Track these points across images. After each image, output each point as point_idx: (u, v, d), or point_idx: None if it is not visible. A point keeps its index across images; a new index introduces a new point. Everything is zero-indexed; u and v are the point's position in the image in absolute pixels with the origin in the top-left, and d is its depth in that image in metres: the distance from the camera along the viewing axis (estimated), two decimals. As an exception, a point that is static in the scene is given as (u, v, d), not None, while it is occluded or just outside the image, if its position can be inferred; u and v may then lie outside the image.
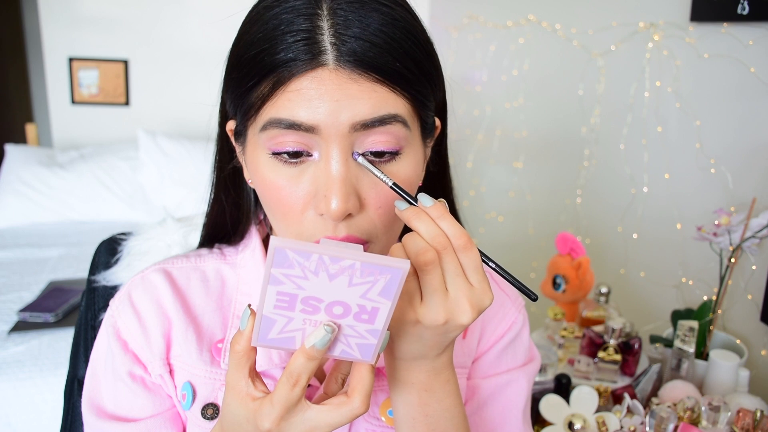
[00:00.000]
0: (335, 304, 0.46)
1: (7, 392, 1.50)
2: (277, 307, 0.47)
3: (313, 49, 0.51)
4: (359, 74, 0.51)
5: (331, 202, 0.52)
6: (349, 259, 0.44)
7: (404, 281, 0.46)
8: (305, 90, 0.51)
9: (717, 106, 1.45)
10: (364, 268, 0.44)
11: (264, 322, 0.48)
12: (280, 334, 0.48)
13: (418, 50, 0.54)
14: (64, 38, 2.74)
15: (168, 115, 2.90)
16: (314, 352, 0.47)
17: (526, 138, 2.18)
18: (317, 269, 0.44)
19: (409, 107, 0.55)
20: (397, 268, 0.44)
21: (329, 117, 0.51)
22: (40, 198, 2.49)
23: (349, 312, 0.47)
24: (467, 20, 2.47)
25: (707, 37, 1.45)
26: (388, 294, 0.46)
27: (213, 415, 0.63)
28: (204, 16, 2.80)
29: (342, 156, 0.52)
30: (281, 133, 0.53)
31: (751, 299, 1.34)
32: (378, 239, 0.57)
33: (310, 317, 0.47)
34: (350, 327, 0.48)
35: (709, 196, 1.46)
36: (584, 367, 1.30)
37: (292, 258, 0.43)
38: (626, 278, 1.74)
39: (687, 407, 1.06)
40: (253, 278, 0.68)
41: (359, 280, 0.45)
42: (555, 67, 2.02)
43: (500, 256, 2.29)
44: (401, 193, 0.53)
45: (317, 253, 0.43)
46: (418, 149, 0.58)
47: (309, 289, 0.45)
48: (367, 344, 0.49)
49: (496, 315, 0.74)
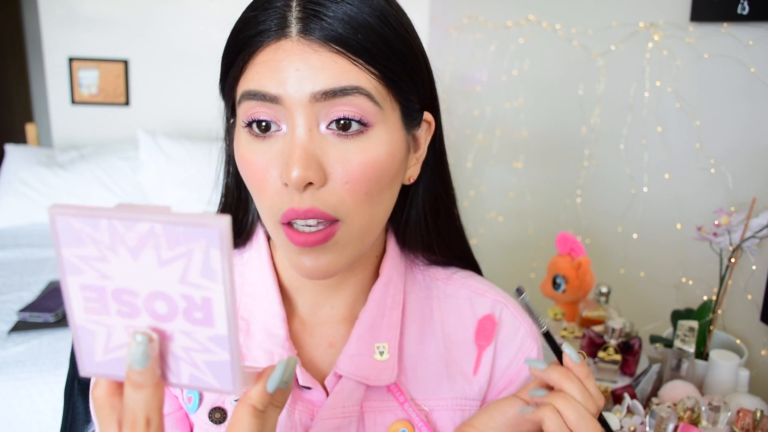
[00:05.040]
0: (154, 298, 0.34)
1: (7, 392, 1.50)
2: (88, 310, 0.35)
3: (280, 23, 0.53)
4: (320, 45, 0.52)
5: (291, 170, 0.52)
6: (146, 221, 0.32)
7: (229, 246, 0.32)
8: (270, 62, 0.53)
9: (717, 106, 1.45)
10: (167, 232, 0.32)
11: (83, 338, 0.35)
12: (107, 354, 0.36)
13: (387, 29, 0.55)
14: (64, 38, 2.74)
15: (168, 115, 2.89)
16: (136, 377, 0.36)
17: (526, 138, 2.18)
18: (113, 242, 0.32)
19: (377, 84, 0.55)
20: (210, 227, 0.31)
21: (291, 87, 0.52)
22: (40, 198, 2.49)
23: (176, 309, 0.34)
24: (467, 20, 2.47)
25: (707, 37, 1.45)
26: (212, 272, 0.32)
27: (221, 419, 0.62)
28: (204, 16, 2.80)
29: (305, 125, 0.53)
30: (251, 106, 0.54)
31: (751, 299, 1.34)
32: (349, 218, 0.55)
33: (131, 323, 0.35)
34: (185, 334, 0.35)
35: (709, 196, 1.46)
36: (584, 367, 1.29)
37: (79, 229, 0.32)
38: (626, 278, 1.74)
39: (687, 407, 1.06)
40: (259, 279, 0.67)
41: (169, 253, 0.32)
42: (555, 67, 2.02)
43: (500, 256, 2.29)
44: (549, 342, 0.53)
45: (106, 218, 0.32)
46: (395, 133, 0.57)
47: (114, 276, 0.33)
48: (217, 362, 0.35)
49: (511, 348, 0.68)
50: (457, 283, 0.70)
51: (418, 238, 0.68)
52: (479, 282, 0.71)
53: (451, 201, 0.70)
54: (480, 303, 0.69)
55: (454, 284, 0.70)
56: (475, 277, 0.72)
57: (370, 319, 0.64)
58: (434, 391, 0.65)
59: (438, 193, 0.68)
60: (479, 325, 0.67)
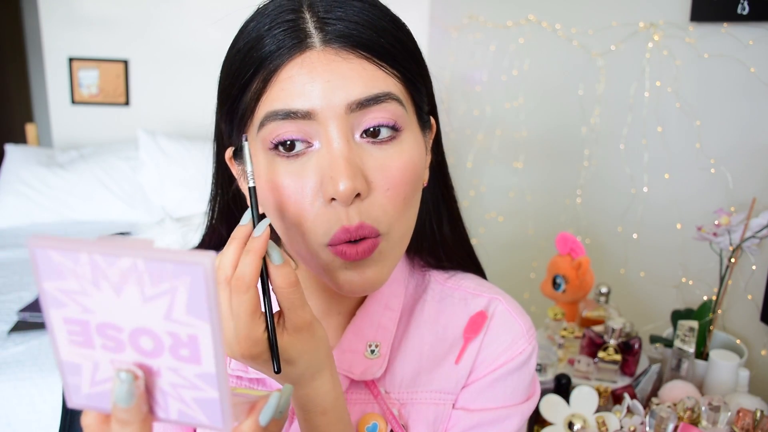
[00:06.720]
0: (139, 334, 0.33)
1: (7, 392, 1.50)
2: (72, 343, 0.34)
3: (299, 35, 0.51)
4: (347, 52, 0.51)
5: (338, 182, 0.50)
6: (128, 256, 0.31)
7: (215, 283, 0.31)
8: (296, 77, 0.51)
9: (717, 106, 1.45)
10: (150, 268, 0.31)
11: (69, 371, 0.35)
12: (93, 386, 0.35)
13: (401, 32, 0.55)
14: (64, 38, 2.74)
15: (168, 115, 2.89)
16: (122, 414, 0.35)
17: (526, 138, 2.18)
18: (95, 277, 0.31)
19: (401, 87, 0.55)
20: (194, 265, 0.30)
21: (323, 100, 0.51)
22: (40, 198, 2.49)
23: (162, 346, 0.33)
24: (467, 20, 2.47)
25: (707, 37, 1.45)
26: (198, 310, 0.31)
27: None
28: (204, 16, 2.80)
29: (343, 136, 0.51)
30: (278, 125, 0.52)
31: (751, 299, 1.34)
32: (392, 229, 0.54)
33: (116, 357, 0.34)
34: (173, 371, 0.34)
35: (709, 196, 1.46)
36: (584, 367, 1.29)
37: (59, 263, 0.31)
38: (626, 278, 1.74)
39: (687, 407, 1.06)
40: None
41: (153, 290, 0.31)
42: (555, 67, 2.02)
43: (500, 256, 2.29)
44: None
45: (86, 252, 0.31)
46: (417, 135, 0.57)
47: (97, 310, 0.32)
48: (206, 399, 0.34)
49: (501, 341, 0.66)
50: (454, 284, 0.70)
51: (423, 243, 0.68)
52: (476, 283, 0.70)
53: (453, 204, 0.70)
54: (475, 302, 0.68)
55: (451, 286, 0.70)
56: (473, 279, 0.71)
57: (367, 317, 0.64)
58: (410, 385, 0.65)
59: (440, 197, 0.68)
60: (470, 320, 0.67)
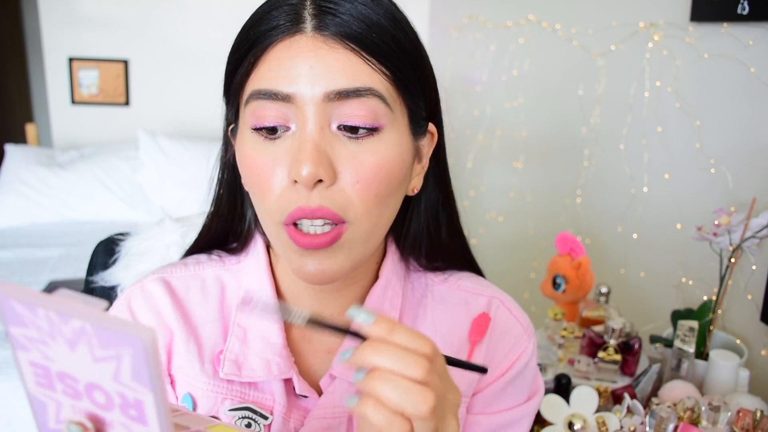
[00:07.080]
0: (92, 388, 0.34)
1: (7, 392, 1.50)
2: (38, 384, 0.35)
3: (294, 19, 0.53)
4: (335, 41, 0.52)
5: (302, 166, 0.51)
6: (79, 318, 0.31)
7: (155, 355, 0.31)
8: (283, 59, 0.53)
9: (717, 106, 1.45)
10: (97, 333, 0.31)
11: (36, 406, 0.36)
12: (58, 423, 0.36)
13: (399, 32, 0.55)
14: (64, 38, 2.74)
15: (168, 115, 2.89)
16: None
17: (526, 138, 2.18)
18: (51, 331, 0.32)
19: (388, 86, 0.54)
20: (134, 337, 0.30)
21: (304, 86, 0.52)
22: (40, 198, 2.49)
23: (112, 402, 0.34)
24: (467, 20, 2.47)
25: (707, 37, 1.45)
26: (141, 377, 0.32)
27: None
28: (204, 16, 2.80)
29: (317, 123, 0.52)
30: (261, 105, 0.53)
31: (751, 299, 1.34)
32: (357, 221, 0.54)
33: (76, 404, 0.35)
34: (123, 426, 0.34)
35: (709, 196, 1.46)
36: (584, 367, 1.29)
37: (21, 313, 0.32)
38: (626, 278, 1.74)
39: (687, 407, 1.06)
40: (256, 286, 0.66)
41: (101, 352, 0.32)
42: (555, 67, 2.02)
43: (500, 256, 2.29)
44: (323, 326, 0.44)
45: (43, 308, 0.32)
46: (403, 137, 0.57)
47: (57, 359, 0.33)
48: None
49: (505, 343, 0.67)
50: (453, 285, 0.69)
51: (421, 250, 0.68)
52: (475, 282, 0.70)
53: (453, 213, 0.69)
54: (475, 303, 0.68)
55: (449, 286, 0.69)
56: (472, 278, 0.71)
57: None
58: None
59: (440, 206, 0.67)
60: (473, 323, 0.67)
